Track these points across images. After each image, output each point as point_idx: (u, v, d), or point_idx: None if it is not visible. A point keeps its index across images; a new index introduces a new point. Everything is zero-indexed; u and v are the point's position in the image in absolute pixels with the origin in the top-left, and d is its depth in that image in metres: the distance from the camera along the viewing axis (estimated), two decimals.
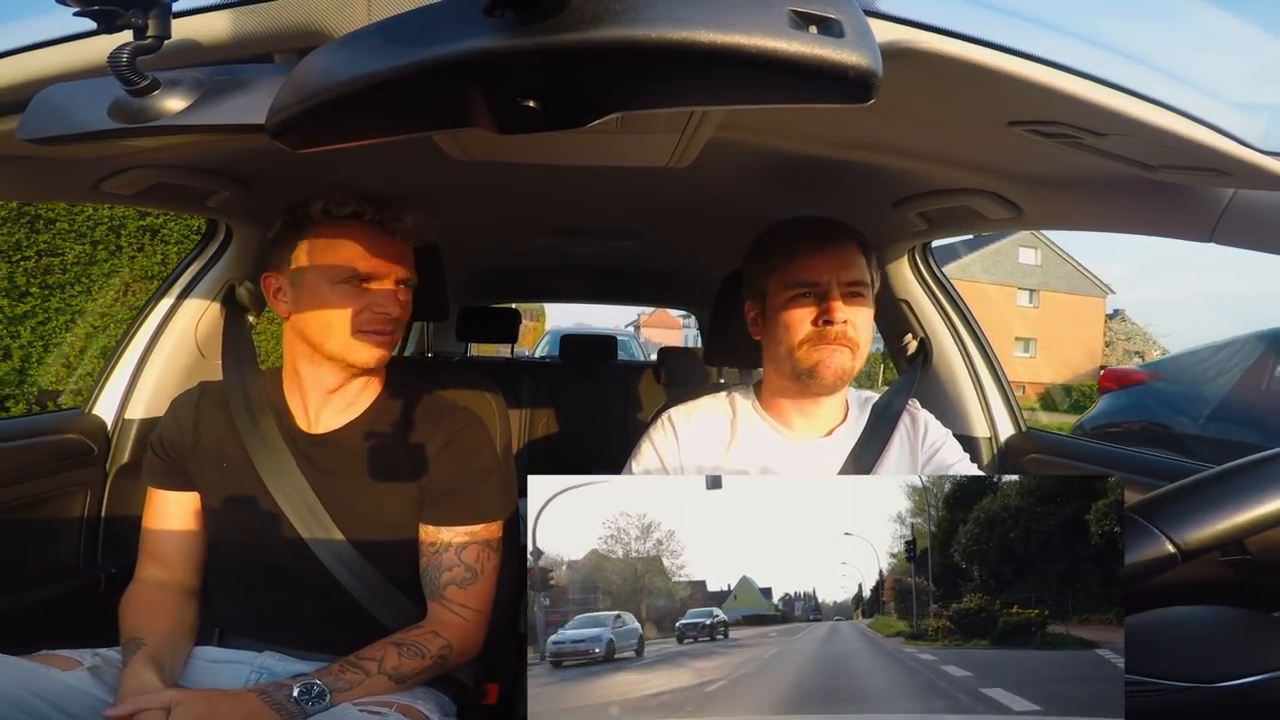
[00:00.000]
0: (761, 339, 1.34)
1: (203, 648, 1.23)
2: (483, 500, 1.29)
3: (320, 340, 1.22)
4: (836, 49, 0.48)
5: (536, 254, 2.77)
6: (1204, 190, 1.00)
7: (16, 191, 1.25)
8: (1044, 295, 33.91)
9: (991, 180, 1.23)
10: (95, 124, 0.64)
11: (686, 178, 1.38)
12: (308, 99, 0.54)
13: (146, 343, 1.73)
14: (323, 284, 1.20)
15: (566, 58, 0.48)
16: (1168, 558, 0.70)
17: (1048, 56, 0.69)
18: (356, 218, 1.21)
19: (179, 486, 1.29)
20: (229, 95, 0.63)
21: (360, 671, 1.11)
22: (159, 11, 0.58)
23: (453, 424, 1.31)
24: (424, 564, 1.26)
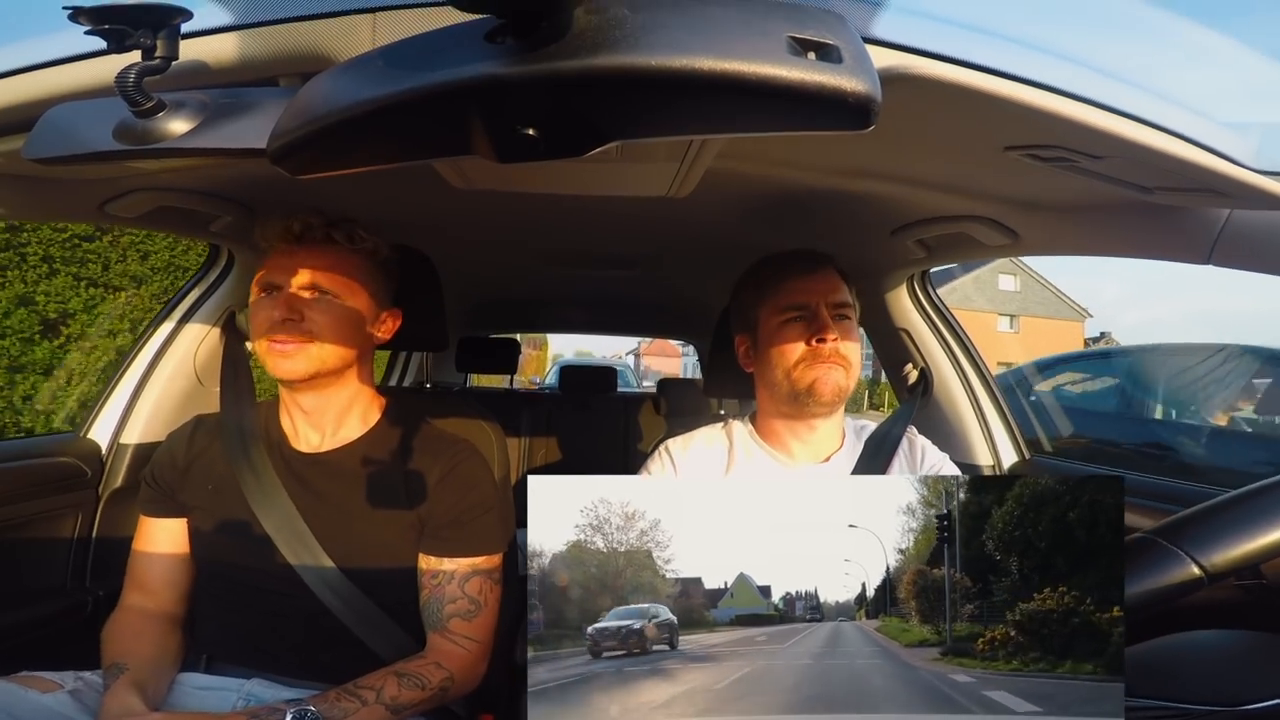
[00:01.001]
0: (754, 369, 1.36)
1: (189, 674, 1.21)
2: (484, 532, 1.28)
3: (259, 358, 1.25)
4: (835, 75, 0.48)
5: (536, 284, 2.78)
6: (1200, 212, 1.01)
7: (22, 211, 1.26)
8: (1024, 320, 34.92)
9: (989, 206, 1.24)
10: (100, 144, 0.65)
11: (686, 207, 1.39)
12: (309, 124, 0.54)
13: (145, 368, 1.73)
14: (252, 305, 1.24)
15: (566, 85, 0.49)
16: (1194, 580, 0.70)
17: (1042, 80, 0.70)
18: (274, 239, 1.24)
19: (168, 514, 1.28)
20: (233, 118, 0.64)
21: (356, 700, 1.09)
22: (168, 32, 0.59)
23: (453, 455, 1.30)
24: (425, 596, 1.25)
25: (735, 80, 0.48)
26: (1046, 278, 36.11)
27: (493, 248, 2.08)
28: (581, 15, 0.48)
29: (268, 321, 1.19)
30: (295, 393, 1.26)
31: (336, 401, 1.29)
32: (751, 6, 0.51)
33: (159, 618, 1.25)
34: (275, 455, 1.27)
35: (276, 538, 1.20)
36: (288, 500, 1.22)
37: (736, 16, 0.50)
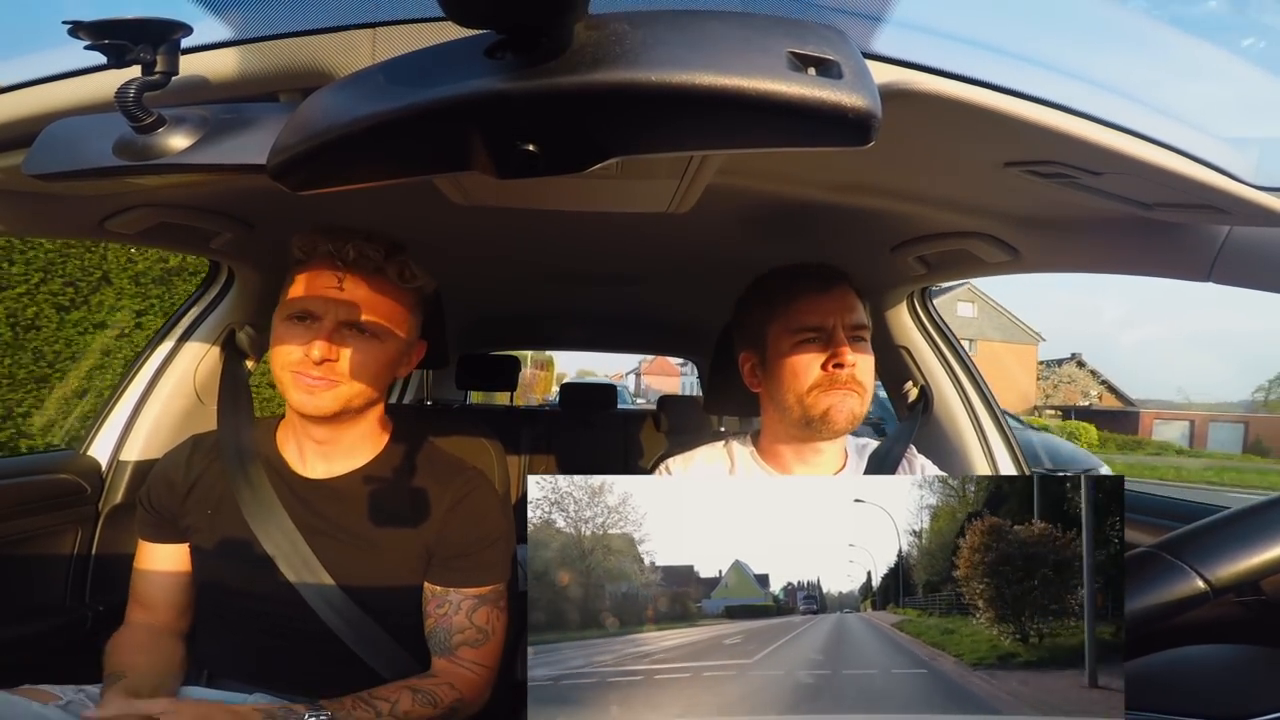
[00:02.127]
0: (760, 389, 1.32)
1: (191, 688, 1.21)
2: (492, 562, 1.27)
3: (277, 382, 1.19)
4: (835, 91, 0.48)
5: (535, 300, 2.78)
6: (1200, 229, 1.01)
7: (22, 227, 1.26)
8: (981, 344, 36.39)
9: (989, 223, 1.24)
10: (100, 160, 0.65)
11: (686, 224, 1.38)
12: (309, 140, 0.54)
13: (145, 386, 1.73)
14: (279, 318, 1.18)
15: (566, 101, 0.49)
16: (1198, 594, 0.70)
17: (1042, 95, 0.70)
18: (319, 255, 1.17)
19: (168, 539, 1.27)
20: (232, 134, 0.64)
21: (371, 710, 1.09)
22: (168, 48, 0.60)
23: (464, 484, 1.29)
24: (431, 623, 1.24)
25: (735, 96, 0.48)
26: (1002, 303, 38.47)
27: (492, 264, 2.08)
28: (581, 31, 0.48)
29: (299, 353, 1.13)
30: (311, 424, 1.22)
31: (350, 434, 1.26)
32: (751, 22, 0.51)
33: (161, 633, 1.25)
34: (276, 479, 1.25)
35: (278, 558, 1.19)
36: (288, 521, 1.21)
37: (736, 32, 0.50)
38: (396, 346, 1.22)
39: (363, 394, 1.19)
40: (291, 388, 1.15)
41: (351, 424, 1.25)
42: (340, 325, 1.15)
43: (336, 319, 1.15)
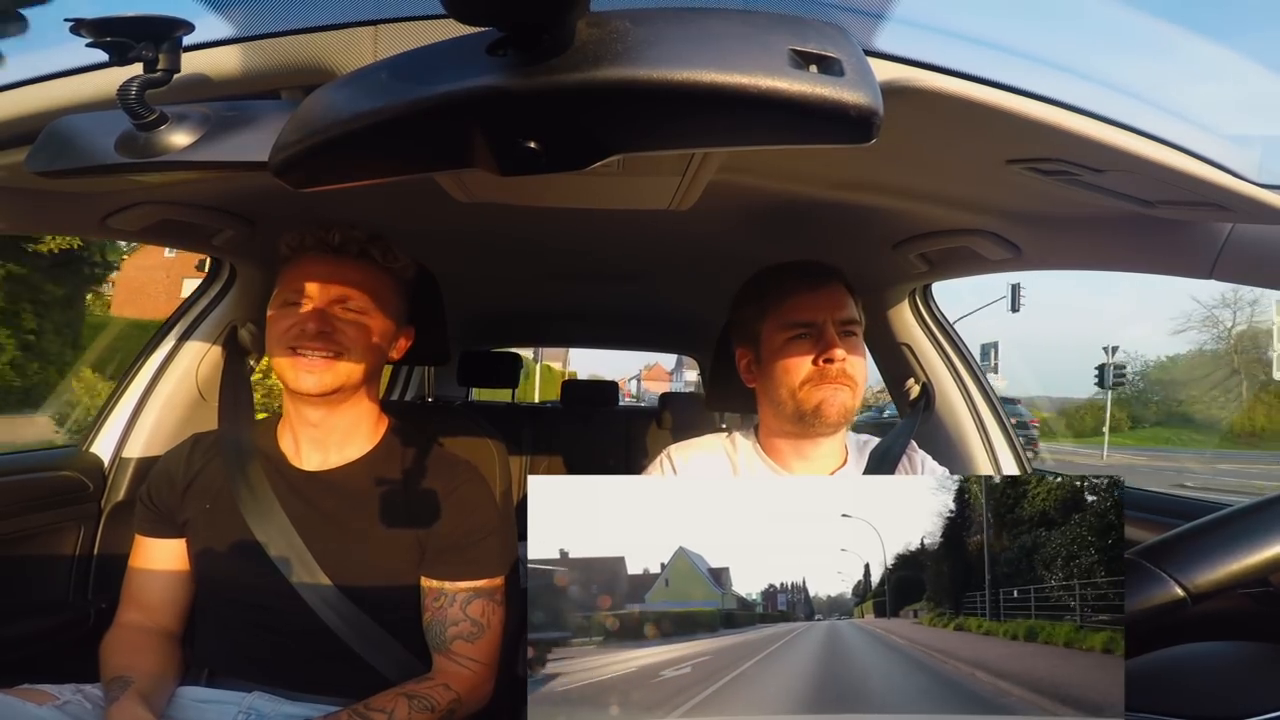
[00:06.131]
0: (756, 385, 1.33)
1: (190, 688, 1.20)
2: (486, 556, 1.27)
3: (275, 369, 1.23)
4: (837, 88, 0.48)
5: (537, 297, 2.77)
6: (1203, 226, 1.01)
7: (24, 224, 1.26)
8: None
9: (991, 220, 1.23)
10: (102, 157, 0.65)
11: (688, 221, 1.38)
12: (311, 137, 0.54)
13: (147, 383, 1.73)
14: (272, 310, 1.23)
15: (568, 98, 0.49)
16: (1176, 601, 0.70)
17: (1044, 93, 0.70)
18: (306, 248, 1.23)
19: (166, 534, 1.28)
20: (234, 131, 0.64)
21: None
22: (170, 45, 0.59)
23: (455, 478, 1.30)
24: (428, 617, 1.25)
25: (737, 93, 0.47)
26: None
27: (494, 261, 2.08)
28: (583, 28, 0.48)
29: (295, 333, 1.17)
30: (306, 406, 1.25)
31: (344, 419, 1.28)
32: (753, 19, 0.51)
33: (158, 633, 1.25)
34: (274, 473, 1.26)
35: (274, 555, 1.19)
36: (285, 518, 1.22)
37: (738, 29, 0.50)
38: (386, 327, 1.27)
39: (358, 372, 1.23)
40: (290, 369, 1.19)
41: (345, 406, 1.26)
42: (332, 303, 1.21)
43: (328, 298, 1.20)
